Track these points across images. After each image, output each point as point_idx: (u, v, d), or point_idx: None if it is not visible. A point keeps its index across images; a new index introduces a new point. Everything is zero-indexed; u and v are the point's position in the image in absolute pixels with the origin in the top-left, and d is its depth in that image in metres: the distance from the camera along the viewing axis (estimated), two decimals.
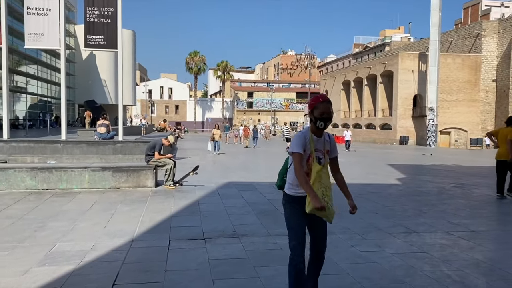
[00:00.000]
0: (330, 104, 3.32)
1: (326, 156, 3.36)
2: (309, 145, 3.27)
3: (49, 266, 4.44)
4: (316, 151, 3.30)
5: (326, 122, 3.27)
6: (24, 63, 38.84)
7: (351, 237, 5.78)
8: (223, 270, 4.38)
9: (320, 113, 3.26)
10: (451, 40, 48.18)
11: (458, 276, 4.29)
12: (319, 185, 3.19)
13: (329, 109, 3.28)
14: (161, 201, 8.13)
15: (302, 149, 3.25)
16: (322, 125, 3.26)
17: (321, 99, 3.32)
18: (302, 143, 3.26)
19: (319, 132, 3.32)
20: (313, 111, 3.29)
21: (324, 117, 3.26)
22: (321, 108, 3.27)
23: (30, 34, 13.58)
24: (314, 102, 3.32)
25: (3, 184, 8.80)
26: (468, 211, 7.85)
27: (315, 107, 3.29)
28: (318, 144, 3.32)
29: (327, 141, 3.41)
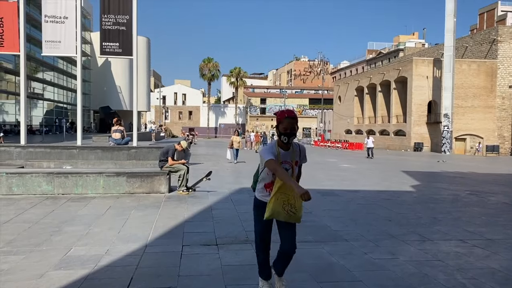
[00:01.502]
0: (294, 120, 3.48)
1: (294, 167, 3.58)
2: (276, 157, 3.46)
3: (65, 270, 4.51)
4: (282, 163, 3.51)
5: (290, 137, 3.47)
6: (41, 69, 39.61)
7: (364, 244, 5.75)
8: (235, 276, 4.40)
9: (284, 128, 3.46)
10: (466, 46, 47.65)
11: (473, 285, 4.24)
12: (280, 195, 3.43)
13: (293, 124, 3.45)
14: (175, 207, 8.19)
15: (273, 156, 3.44)
16: (286, 140, 3.47)
17: (286, 114, 3.49)
18: (272, 152, 3.46)
19: (285, 145, 3.53)
20: (278, 125, 3.51)
21: (287, 132, 3.46)
22: (285, 123, 3.46)
23: (47, 41, 13.88)
24: (280, 116, 3.51)
25: (20, 188, 8.96)
26: (484, 219, 7.74)
27: (280, 122, 3.49)
28: (285, 156, 3.55)
29: (296, 152, 3.61)
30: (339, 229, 6.62)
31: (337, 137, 60.93)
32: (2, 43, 13.32)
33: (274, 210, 3.48)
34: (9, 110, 35.99)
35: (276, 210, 3.48)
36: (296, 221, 3.57)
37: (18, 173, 9.18)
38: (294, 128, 3.48)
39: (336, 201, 9.28)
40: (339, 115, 62.86)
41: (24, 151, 13.05)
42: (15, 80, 35.39)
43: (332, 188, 11.03)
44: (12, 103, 35.79)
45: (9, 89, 34.31)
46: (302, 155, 3.69)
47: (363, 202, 9.23)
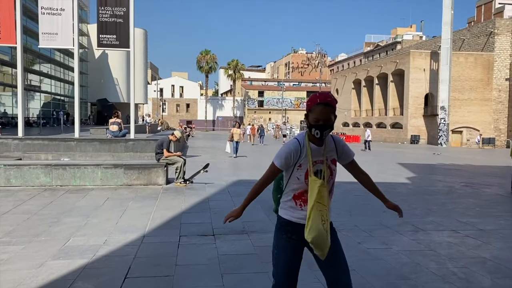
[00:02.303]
0: (330, 107, 2.49)
1: (331, 167, 2.59)
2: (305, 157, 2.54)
3: (64, 260, 4.59)
4: (315, 164, 2.55)
5: (323, 131, 2.48)
6: (38, 61, 39.45)
7: (359, 234, 5.85)
8: (231, 265, 4.49)
9: (315, 119, 2.48)
10: (463, 39, 47.67)
11: (464, 273, 4.34)
12: (319, 206, 2.47)
13: (328, 114, 2.47)
14: (172, 198, 8.27)
15: (286, 164, 2.55)
16: (318, 134, 2.48)
17: (319, 99, 2.50)
18: (292, 156, 2.53)
19: (318, 140, 2.53)
20: (308, 115, 2.53)
21: (320, 124, 2.47)
22: (316, 112, 2.47)
23: (44, 33, 13.84)
24: (310, 102, 2.54)
25: (19, 180, 9.02)
26: (478, 210, 7.86)
27: (310, 110, 2.52)
28: (317, 154, 2.56)
29: (330, 147, 2.61)
30: (334, 220, 6.65)
31: (334, 130, 61.03)
32: None
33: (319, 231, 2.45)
34: (6, 102, 35.89)
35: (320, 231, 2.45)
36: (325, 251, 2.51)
37: (16, 165, 9.24)
38: (329, 119, 2.47)
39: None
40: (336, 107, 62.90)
41: (21, 143, 13.08)
42: (12, 72, 35.23)
43: None
44: (8, 95, 35.68)
45: (5, 81, 34.17)
46: (341, 148, 2.64)
47: (359, 193, 9.32)
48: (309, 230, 2.44)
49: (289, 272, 2.60)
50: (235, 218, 2.70)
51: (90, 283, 3.93)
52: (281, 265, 2.61)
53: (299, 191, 2.56)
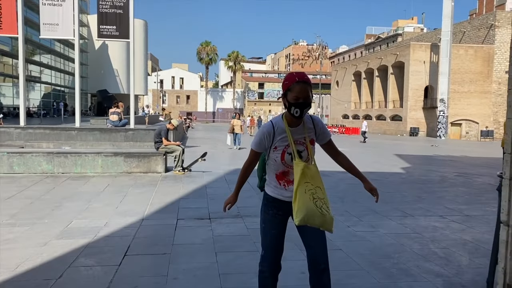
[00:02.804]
0: (308, 85, 2.53)
1: (309, 147, 2.64)
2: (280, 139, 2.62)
3: (67, 240, 4.84)
4: (297, 144, 2.62)
5: (303, 108, 2.52)
6: (38, 52, 39.53)
7: (348, 219, 6.09)
8: (226, 244, 4.75)
9: (294, 97, 2.51)
10: (464, 31, 47.66)
11: (444, 253, 4.60)
12: (307, 186, 2.55)
13: (307, 91, 2.52)
14: (170, 185, 8.52)
15: (262, 147, 2.67)
16: (298, 113, 2.53)
17: (297, 77, 2.53)
18: (266, 139, 2.64)
19: (296, 120, 2.59)
20: (287, 94, 2.55)
21: (300, 102, 2.51)
22: (296, 90, 2.50)
23: (45, 24, 14.02)
24: (288, 81, 2.55)
25: (21, 167, 9.27)
26: (466, 197, 8.11)
27: (289, 89, 2.54)
28: (296, 134, 2.62)
29: (310, 128, 2.67)
30: None
31: (334, 122, 61.25)
32: (1, 26, 13.46)
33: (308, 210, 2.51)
34: (6, 93, 36.04)
35: (310, 209, 2.52)
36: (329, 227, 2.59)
37: (19, 152, 9.48)
38: (308, 97, 2.51)
39: (326, 180, 9.58)
40: (336, 100, 63.03)
41: (23, 132, 13.32)
42: (12, 62, 35.36)
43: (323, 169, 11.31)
44: (9, 86, 35.82)
45: (6, 72, 34.32)
46: (320, 130, 2.70)
47: (352, 182, 9.58)
48: (297, 213, 2.52)
49: (276, 245, 2.77)
50: (232, 204, 2.89)
51: (92, 259, 4.18)
52: (269, 239, 2.76)
53: (279, 172, 2.67)
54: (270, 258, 2.77)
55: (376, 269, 4.07)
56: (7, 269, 3.87)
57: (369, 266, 4.13)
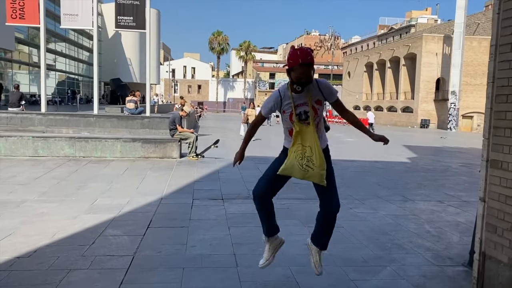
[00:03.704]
0: (310, 66, 2.87)
1: (315, 108, 3.03)
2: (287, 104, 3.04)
3: (94, 214, 5.36)
4: (299, 107, 3.01)
5: (305, 86, 2.91)
6: (53, 40, 40.23)
7: (352, 202, 6.54)
8: (237, 220, 5.23)
9: (297, 77, 2.88)
10: (478, 23, 47.25)
11: (437, 232, 5.03)
12: (297, 147, 3.02)
13: (309, 72, 2.86)
14: (185, 170, 9.04)
15: (270, 111, 3.13)
16: (299, 88, 2.92)
17: (300, 60, 2.83)
18: (272, 105, 3.09)
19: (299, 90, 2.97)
20: (290, 72, 2.92)
21: (302, 81, 2.89)
22: (299, 72, 2.86)
23: (65, 14, 14.55)
24: (292, 61, 2.88)
25: (45, 151, 9.85)
26: (467, 186, 8.48)
27: (292, 69, 2.89)
28: (299, 99, 3.02)
29: (314, 90, 3.01)
30: None
31: None
32: (23, 16, 14.03)
33: (289, 164, 3.03)
34: (22, 80, 36.84)
35: (291, 164, 3.02)
36: (316, 180, 3.01)
37: (43, 137, 10.07)
38: (309, 76, 2.87)
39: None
40: (348, 91, 63.03)
41: (45, 118, 13.94)
42: (29, 50, 36.13)
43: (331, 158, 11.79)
44: (25, 73, 36.59)
45: (22, 59, 35.06)
46: (326, 91, 3.03)
47: (358, 170, 10.01)
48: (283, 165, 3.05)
49: (273, 177, 3.15)
50: (240, 160, 3.38)
51: (119, 230, 4.70)
52: (269, 170, 3.21)
53: (290, 128, 3.13)
54: (264, 181, 3.21)
55: (373, 243, 4.52)
56: (46, 237, 4.40)
57: (366, 241, 4.58)
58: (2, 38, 24.08)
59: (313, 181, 3.05)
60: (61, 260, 3.78)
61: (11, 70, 32.03)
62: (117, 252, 4.02)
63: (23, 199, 6.00)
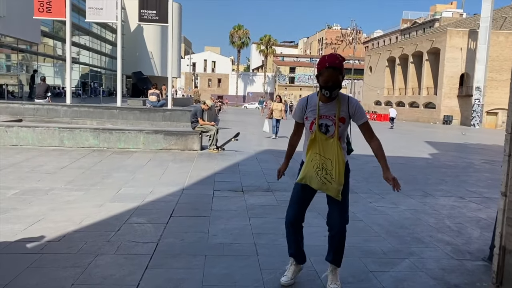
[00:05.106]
0: (337, 70, 2.85)
1: (337, 124, 2.99)
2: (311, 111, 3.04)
3: (119, 203, 5.53)
4: (322, 118, 2.99)
5: (332, 91, 2.89)
6: (77, 33, 40.96)
7: (371, 196, 6.56)
8: (257, 212, 5.33)
9: (324, 81, 2.87)
10: (505, 17, 46.02)
11: (457, 227, 5.02)
12: (315, 156, 3.01)
13: (336, 76, 2.85)
14: (206, 162, 9.18)
15: (299, 117, 3.13)
16: (327, 94, 2.91)
17: (328, 63, 2.84)
18: (300, 111, 3.11)
19: (328, 98, 2.97)
20: (319, 77, 2.93)
21: (329, 85, 2.87)
22: (325, 75, 2.86)
23: (90, 8, 14.86)
24: (319, 65, 2.89)
25: (71, 141, 10.13)
26: (489, 182, 8.38)
27: (320, 73, 2.90)
28: (324, 109, 2.99)
29: (343, 106, 3.00)
30: (351, 184, 7.41)
31: (366, 108, 60.66)
32: (50, 9, 14.39)
33: (307, 174, 3.03)
34: (46, 73, 37.66)
35: (309, 175, 3.02)
36: (332, 194, 3.01)
37: (68, 128, 10.36)
38: (336, 81, 2.85)
39: (352, 163, 10.04)
40: (369, 86, 62.33)
41: (69, 110, 14.31)
42: (53, 43, 36.89)
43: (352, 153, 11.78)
44: (49, 66, 37.37)
45: (46, 52, 35.81)
46: (354, 111, 3.01)
47: (378, 164, 9.94)
48: (300, 173, 3.09)
49: (299, 197, 3.18)
50: (283, 171, 3.38)
51: (143, 218, 4.85)
52: (294, 192, 3.22)
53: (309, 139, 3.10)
54: (292, 208, 3.21)
55: (392, 236, 4.55)
56: (74, 223, 4.58)
57: (385, 234, 4.62)
58: (28, 32, 24.68)
59: (329, 194, 3.07)
60: (89, 245, 3.94)
61: (36, 62, 32.78)
62: (141, 239, 4.17)
63: (51, 187, 6.23)
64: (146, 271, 3.41)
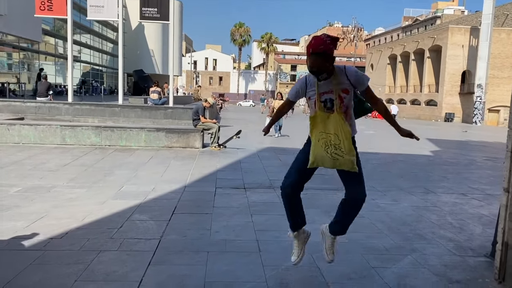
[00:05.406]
0: (321, 56, 2.82)
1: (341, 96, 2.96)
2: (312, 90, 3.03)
3: (121, 200, 5.54)
4: (323, 94, 2.98)
5: (318, 75, 2.89)
6: (78, 32, 40.96)
7: (374, 193, 6.54)
8: (259, 208, 5.33)
9: (309, 66, 2.89)
10: (507, 14, 45.87)
11: (459, 224, 5.02)
12: (321, 135, 2.99)
13: (321, 62, 2.83)
14: (208, 159, 9.18)
15: (294, 96, 3.16)
16: (315, 78, 2.96)
17: (311, 49, 2.85)
18: (298, 89, 3.11)
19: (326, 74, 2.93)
20: (307, 61, 2.93)
21: (314, 71, 2.88)
22: (310, 61, 2.87)
23: (92, 6, 14.86)
24: (307, 51, 2.92)
25: (72, 139, 10.15)
26: (492, 179, 8.37)
27: (307, 58, 2.93)
28: (324, 86, 2.97)
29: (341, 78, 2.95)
30: None
31: None
32: (51, 7, 14.39)
33: (317, 155, 2.98)
34: (48, 71, 37.64)
35: (320, 155, 2.97)
36: (348, 167, 2.95)
37: (70, 125, 10.37)
38: (320, 66, 2.84)
39: None
40: (370, 83, 62.11)
41: (71, 108, 14.32)
42: (55, 42, 36.89)
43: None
44: (51, 64, 37.38)
45: (48, 51, 35.80)
46: (354, 80, 2.97)
47: (380, 162, 9.97)
48: (310, 157, 3.02)
49: (301, 168, 3.09)
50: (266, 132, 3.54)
51: (145, 215, 4.86)
52: (296, 162, 3.16)
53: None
54: (292, 176, 3.14)
55: (394, 233, 4.55)
56: (76, 220, 4.59)
57: (388, 230, 4.62)
58: (29, 30, 24.69)
59: (344, 168, 2.97)
60: (92, 242, 3.95)
61: (38, 61, 32.80)
62: (144, 235, 4.17)
63: (53, 184, 6.24)
64: (149, 268, 3.42)
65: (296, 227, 3.33)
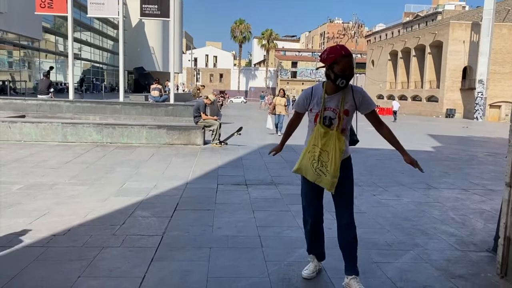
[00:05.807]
0: (352, 58, 2.86)
1: (342, 116, 2.93)
2: (316, 103, 2.99)
3: (123, 197, 5.55)
4: (326, 110, 2.94)
5: (349, 80, 2.85)
6: (79, 29, 40.92)
7: (375, 189, 6.56)
8: (261, 205, 5.34)
9: (341, 70, 2.79)
10: (508, 9, 45.67)
11: (461, 219, 5.02)
12: (313, 148, 2.98)
13: (352, 64, 2.83)
14: (209, 156, 9.19)
15: (302, 108, 3.11)
16: (343, 83, 2.83)
17: (343, 51, 2.81)
18: (304, 102, 3.06)
19: (336, 89, 2.90)
20: (333, 66, 2.81)
21: (346, 74, 2.80)
22: (343, 63, 2.78)
23: (92, 3, 14.84)
24: (334, 55, 2.81)
25: (74, 137, 10.16)
26: (493, 175, 8.36)
27: (335, 62, 2.79)
28: (330, 102, 2.94)
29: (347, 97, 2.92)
30: (355, 177, 7.41)
31: None
32: (52, 5, 14.38)
33: (303, 165, 3.03)
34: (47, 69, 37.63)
35: (305, 166, 3.01)
36: (326, 186, 2.95)
37: (71, 123, 10.37)
38: (353, 68, 2.83)
39: (356, 156, 10.00)
40: (371, 79, 62.12)
41: (72, 105, 14.33)
42: (55, 39, 36.86)
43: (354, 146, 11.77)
44: (51, 62, 37.36)
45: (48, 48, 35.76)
46: (360, 101, 2.94)
47: (381, 158, 9.97)
48: (297, 163, 3.08)
49: (308, 199, 3.15)
50: (277, 152, 3.45)
51: (148, 212, 4.87)
52: (303, 194, 3.20)
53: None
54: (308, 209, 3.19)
55: (396, 228, 4.56)
56: (79, 217, 4.60)
57: (389, 226, 4.62)
58: (30, 28, 24.68)
59: (324, 187, 3.00)
60: (94, 238, 3.96)
61: (38, 59, 32.79)
62: (146, 232, 4.18)
63: (55, 182, 6.25)
64: (151, 264, 3.43)
65: (311, 251, 3.34)
